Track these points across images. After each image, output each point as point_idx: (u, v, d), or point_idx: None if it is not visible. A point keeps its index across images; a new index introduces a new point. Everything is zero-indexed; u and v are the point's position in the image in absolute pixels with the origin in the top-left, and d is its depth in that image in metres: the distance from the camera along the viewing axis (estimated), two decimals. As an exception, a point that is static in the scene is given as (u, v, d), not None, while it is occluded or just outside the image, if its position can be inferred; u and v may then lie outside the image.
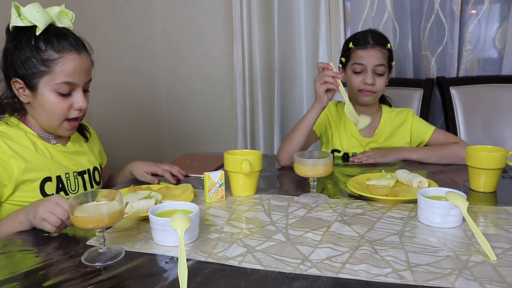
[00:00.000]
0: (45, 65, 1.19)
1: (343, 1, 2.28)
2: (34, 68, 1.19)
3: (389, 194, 1.20)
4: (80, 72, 1.23)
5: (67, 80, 1.21)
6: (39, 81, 1.20)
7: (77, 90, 1.24)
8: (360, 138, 1.71)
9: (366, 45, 1.62)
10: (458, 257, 0.87)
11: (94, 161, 1.44)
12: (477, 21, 2.19)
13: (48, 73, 1.19)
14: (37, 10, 1.17)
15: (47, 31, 1.19)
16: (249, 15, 2.40)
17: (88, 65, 1.27)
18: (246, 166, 1.22)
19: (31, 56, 1.18)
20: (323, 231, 1.01)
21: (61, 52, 1.19)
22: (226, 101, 2.67)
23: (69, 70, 1.20)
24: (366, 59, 1.61)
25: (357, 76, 1.63)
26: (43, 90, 1.21)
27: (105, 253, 0.91)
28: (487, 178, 1.25)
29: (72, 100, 1.24)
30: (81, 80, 1.24)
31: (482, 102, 2.12)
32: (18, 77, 1.21)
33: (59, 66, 1.19)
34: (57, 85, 1.20)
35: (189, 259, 0.89)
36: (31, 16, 1.17)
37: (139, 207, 1.10)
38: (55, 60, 1.19)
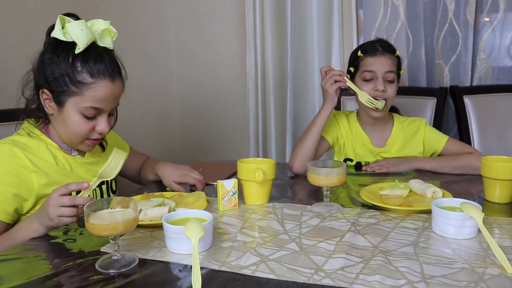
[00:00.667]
0: (77, 87, 1.18)
1: (356, 9, 2.28)
2: (65, 86, 1.18)
3: (402, 204, 1.19)
4: (109, 100, 1.22)
5: (95, 105, 1.20)
6: (67, 99, 1.19)
7: (103, 115, 1.24)
8: (372, 147, 1.70)
9: (375, 52, 1.62)
10: (474, 269, 0.86)
11: None
12: (491, 29, 2.18)
13: (78, 94, 1.18)
14: (81, 28, 1.16)
15: (86, 50, 1.17)
16: (262, 23, 2.41)
17: (119, 92, 1.26)
18: (259, 175, 1.22)
19: (65, 74, 1.17)
20: (336, 241, 1.01)
21: (95, 78, 1.18)
22: (239, 109, 2.68)
23: (99, 97, 1.20)
24: (376, 66, 1.60)
25: (367, 84, 1.61)
26: (69, 109, 1.20)
27: (119, 260, 0.92)
28: (502, 189, 1.24)
29: (95, 123, 1.23)
30: (108, 107, 1.24)
31: (496, 111, 2.10)
32: (48, 90, 1.20)
33: (91, 91, 1.18)
34: (84, 108, 1.19)
35: (203, 268, 0.89)
36: (74, 33, 1.15)
37: (153, 214, 1.10)
38: (88, 85, 1.18)
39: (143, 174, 1.59)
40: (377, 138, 1.71)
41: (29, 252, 0.99)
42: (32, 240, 1.06)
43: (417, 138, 1.69)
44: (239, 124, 2.70)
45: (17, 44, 2.20)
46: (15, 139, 1.23)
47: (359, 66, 1.65)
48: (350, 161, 1.73)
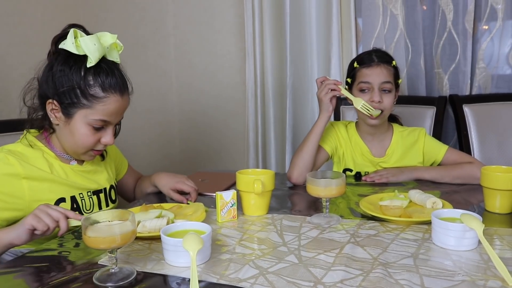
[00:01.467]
0: (88, 100, 1.19)
1: (355, 18, 2.29)
2: (76, 99, 1.19)
3: (402, 215, 1.19)
4: (118, 113, 1.26)
5: (104, 118, 1.22)
6: (76, 111, 1.21)
7: (109, 127, 1.26)
8: (371, 157, 1.70)
9: (371, 63, 1.61)
10: (474, 281, 0.85)
11: (110, 179, 1.44)
12: (490, 38, 2.18)
13: (89, 107, 1.20)
14: (94, 43, 1.17)
15: (98, 64, 1.19)
16: (261, 32, 2.41)
17: (126, 106, 1.29)
18: (258, 186, 1.21)
19: (76, 87, 1.19)
20: (336, 253, 1.00)
21: (107, 92, 1.20)
22: (238, 118, 2.68)
23: (109, 111, 1.22)
24: (372, 77, 1.60)
25: (363, 95, 1.61)
26: (77, 120, 1.21)
27: (117, 273, 0.91)
28: (502, 199, 1.24)
29: (101, 135, 1.25)
30: (116, 120, 1.27)
31: (496, 120, 2.10)
32: (57, 101, 1.21)
33: (101, 105, 1.20)
34: (93, 120, 1.21)
35: (201, 281, 0.88)
36: (87, 48, 1.17)
37: (151, 226, 1.09)
38: (99, 99, 1.20)
39: (140, 189, 1.59)
40: (377, 148, 1.71)
41: (25, 265, 0.98)
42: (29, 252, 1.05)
43: (416, 148, 1.69)
44: (238, 133, 2.69)
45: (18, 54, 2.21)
46: (11, 148, 1.23)
47: (355, 77, 1.65)
48: (349, 171, 1.72)
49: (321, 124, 1.60)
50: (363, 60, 1.65)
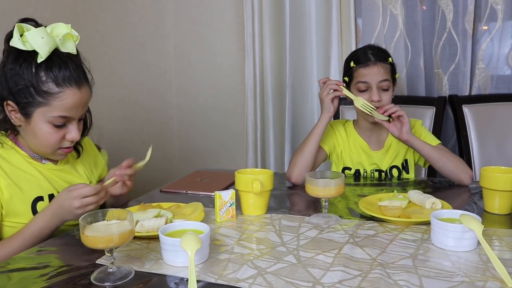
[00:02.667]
0: (43, 97, 1.14)
1: (354, 18, 2.28)
2: (31, 97, 1.14)
3: (401, 216, 1.18)
4: (78, 107, 1.19)
5: (64, 114, 1.17)
6: (34, 110, 1.16)
7: (72, 122, 1.21)
8: (370, 151, 1.70)
9: (367, 63, 1.60)
10: (474, 282, 0.85)
11: (90, 176, 1.41)
12: (490, 39, 2.18)
13: (45, 104, 1.15)
14: (42, 36, 1.11)
15: (49, 58, 1.14)
16: (261, 32, 2.41)
17: (87, 98, 1.23)
18: (257, 186, 1.21)
19: (29, 85, 1.13)
20: (334, 253, 1.00)
21: (61, 86, 1.15)
22: (237, 118, 2.67)
23: (67, 105, 1.16)
24: (370, 77, 1.59)
25: (362, 94, 1.61)
26: (37, 119, 1.17)
27: (115, 273, 0.91)
28: (502, 200, 1.23)
29: (65, 131, 1.20)
30: (77, 114, 1.21)
31: (496, 120, 2.09)
32: (13, 101, 1.16)
33: (58, 101, 1.15)
34: (52, 117, 1.16)
35: (199, 281, 0.88)
36: (35, 42, 1.11)
37: (150, 226, 1.09)
38: (54, 94, 1.14)
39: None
40: (375, 143, 1.72)
41: (23, 264, 0.98)
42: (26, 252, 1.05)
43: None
44: (237, 132, 2.69)
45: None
46: None
47: (353, 77, 1.64)
48: (348, 170, 1.72)
49: (322, 125, 1.60)
50: (359, 59, 1.63)
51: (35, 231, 1.13)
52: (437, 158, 1.54)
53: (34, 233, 1.13)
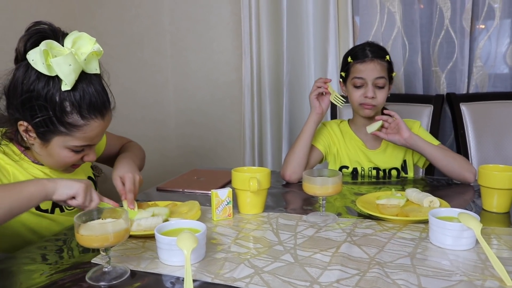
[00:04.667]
0: (66, 128, 1.08)
1: (352, 16, 2.27)
2: (52, 126, 1.08)
3: (399, 214, 1.18)
4: (99, 135, 1.15)
5: (85, 144, 1.14)
6: (53, 137, 1.10)
7: (90, 147, 1.18)
8: (366, 150, 1.70)
9: (364, 59, 1.60)
10: (472, 281, 0.85)
11: (88, 171, 1.39)
12: (487, 37, 2.17)
13: (67, 134, 1.10)
14: (69, 63, 1.03)
15: (74, 85, 1.06)
16: (258, 30, 2.39)
17: (108, 124, 1.17)
18: (254, 184, 1.20)
19: (53, 115, 1.07)
20: (332, 252, 0.99)
21: (87, 119, 1.09)
22: (234, 116, 2.66)
23: (91, 136, 1.13)
24: (366, 73, 1.60)
25: (357, 90, 1.62)
26: (55, 145, 1.12)
27: (110, 272, 0.90)
28: (500, 198, 1.23)
29: (83, 154, 1.17)
30: (98, 141, 1.18)
31: (493, 118, 2.09)
32: (30, 124, 1.09)
33: (82, 133, 1.10)
34: (73, 146, 1.12)
35: (195, 280, 0.87)
36: (61, 70, 1.03)
37: (147, 224, 1.08)
38: (79, 127, 1.09)
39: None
40: (371, 141, 1.71)
41: (17, 263, 0.97)
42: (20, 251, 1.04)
43: None
44: (234, 130, 2.68)
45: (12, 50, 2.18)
46: None
47: (349, 72, 1.65)
48: (346, 169, 1.71)
49: (310, 123, 1.61)
50: (357, 55, 1.63)
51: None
52: (441, 157, 1.52)
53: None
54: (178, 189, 1.55)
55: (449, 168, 1.52)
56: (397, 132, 1.54)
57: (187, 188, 1.54)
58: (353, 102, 1.65)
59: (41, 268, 0.94)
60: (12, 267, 0.95)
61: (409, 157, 1.69)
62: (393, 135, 1.54)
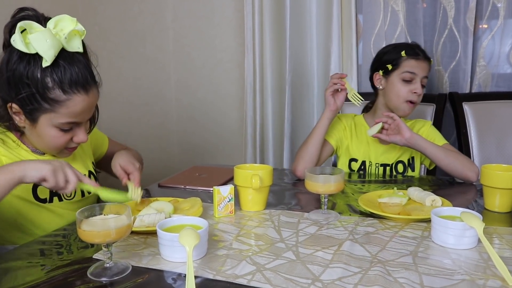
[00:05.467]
0: (50, 104, 1.09)
1: (355, 14, 2.27)
2: (36, 103, 1.09)
3: (401, 213, 1.18)
4: (85, 112, 1.16)
5: (71, 120, 1.14)
6: (40, 115, 1.12)
7: (80, 126, 1.18)
8: (377, 144, 1.72)
9: (418, 56, 1.65)
10: (474, 281, 0.84)
11: (88, 165, 1.39)
12: (491, 36, 2.17)
13: (52, 111, 1.10)
14: (47, 39, 1.05)
15: (54, 60, 1.07)
16: (261, 27, 2.39)
17: (95, 101, 1.18)
18: (256, 181, 1.20)
19: (35, 91, 1.08)
20: (334, 250, 0.99)
21: (69, 94, 1.10)
22: (236, 113, 2.66)
23: (75, 112, 1.12)
24: (418, 69, 1.64)
25: (405, 84, 1.64)
26: (43, 124, 1.13)
27: (112, 268, 0.90)
28: (502, 198, 1.23)
29: (72, 134, 1.18)
30: (85, 118, 1.18)
31: (496, 118, 2.08)
32: (17, 105, 1.11)
33: (65, 108, 1.10)
34: (60, 123, 1.13)
35: (197, 276, 0.87)
36: (39, 46, 1.05)
37: (150, 221, 1.08)
38: (61, 102, 1.10)
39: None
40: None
41: (20, 259, 0.97)
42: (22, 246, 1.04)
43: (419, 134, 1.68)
44: (236, 128, 2.68)
45: None
46: None
47: (400, 65, 1.65)
48: (355, 162, 1.72)
49: (324, 120, 1.62)
50: (409, 51, 1.65)
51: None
52: (442, 156, 1.53)
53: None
54: (180, 186, 1.55)
55: (451, 167, 1.53)
56: (397, 132, 1.55)
57: (189, 185, 1.54)
58: (398, 97, 1.65)
59: (42, 263, 0.94)
60: (12, 262, 0.95)
61: (417, 155, 1.71)
62: (394, 136, 1.55)
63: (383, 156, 1.70)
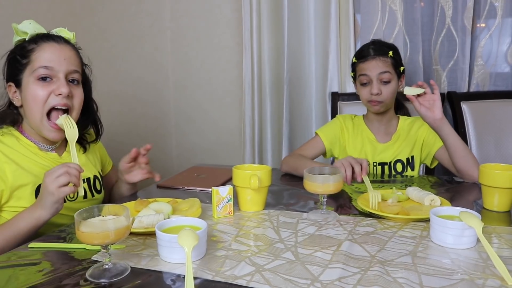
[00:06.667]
0: (26, 57, 1.24)
1: (353, 14, 2.27)
2: (17, 64, 1.25)
3: (400, 212, 1.17)
4: (59, 59, 1.25)
5: (45, 64, 1.23)
6: (23, 75, 1.25)
7: (58, 76, 1.25)
8: (376, 143, 1.73)
9: (367, 57, 1.66)
10: (473, 280, 0.84)
11: (93, 170, 1.43)
12: (489, 35, 2.17)
13: (28, 63, 1.24)
14: (29, 22, 1.27)
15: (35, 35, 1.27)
16: (259, 27, 2.39)
17: (70, 54, 1.29)
18: (255, 182, 1.20)
19: (17, 54, 1.25)
20: (333, 250, 0.99)
21: (38, 42, 1.25)
22: (235, 113, 2.66)
23: (46, 56, 1.24)
24: (369, 70, 1.65)
25: (364, 87, 1.68)
26: (26, 82, 1.24)
27: (111, 269, 0.90)
28: (501, 197, 1.23)
29: (52, 86, 1.25)
30: (61, 66, 1.25)
31: (494, 117, 2.09)
32: (10, 80, 1.27)
33: (36, 53, 1.24)
34: (36, 71, 1.23)
35: (196, 277, 0.87)
36: (23, 27, 1.26)
37: (148, 222, 1.08)
38: (33, 49, 1.24)
39: (117, 190, 1.53)
40: (382, 135, 1.75)
41: (18, 261, 0.97)
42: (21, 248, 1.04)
43: (420, 132, 1.70)
44: (235, 128, 2.68)
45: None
46: None
47: (356, 71, 1.72)
48: None
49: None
50: (360, 54, 1.70)
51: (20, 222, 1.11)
52: (461, 148, 1.48)
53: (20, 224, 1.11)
54: (179, 186, 1.54)
55: (463, 161, 1.49)
56: (429, 107, 1.46)
57: (187, 185, 1.54)
58: (362, 100, 1.71)
59: (41, 265, 0.94)
60: (11, 264, 0.95)
61: (417, 154, 1.70)
62: (425, 110, 1.46)
63: (380, 155, 1.71)
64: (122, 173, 1.43)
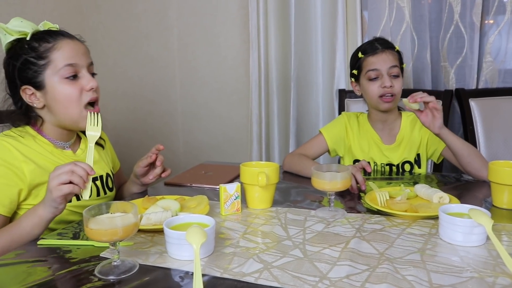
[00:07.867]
0: (43, 58, 1.21)
1: (360, 11, 2.26)
2: (35, 66, 1.21)
3: (408, 210, 1.17)
4: (78, 54, 1.25)
5: (69, 62, 1.22)
6: (44, 77, 1.21)
7: (83, 72, 1.25)
8: (381, 145, 1.70)
9: (375, 51, 1.63)
10: (483, 278, 0.84)
11: (106, 168, 1.43)
12: (497, 32, 2.15)
13: (49, 63, 1.21)
14: (20, 20, 1.23)
15: (36, 33, 1.23)
16: (266, 24, 2.38)
17: (84, 48, 1.29)
18: (262, 179, 1.20)
19: (28, 57, 1.21)
20: (341, 248, 0.99)
21: (54, 40, 1.22)
22: (242, 110, 2.66)
23: (67, 53, 1.22)
24: (379, 64, 1.61)
25: (373, 82, 1.62)
26: (51, 83, 1.22)
27: (119, 266, 0.90)
28: (510, 195, 1.21)
29: (81, 83, 1.24)
30: (82, 61, 1.25)
31: (503, 114, 2.07)
32: (25, 84, 1.22)
33: (56, 52, 1.21)
34: (61, 70, 1.21)
35: (205, 275, 0.87)
36: (17, 26, 1.22)
37: (156, 219, 1.08)
38: (50, 48, 1.21)
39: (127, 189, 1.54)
40: (387, 136, 1.72)
41: (27, 257, 0.97)
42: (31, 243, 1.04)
43: (423, 131, 1.67)
44: (242, 126, 2.67)
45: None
46: (5, 133, 1.24)
47: (362, 67, 1.66)
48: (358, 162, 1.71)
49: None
50: (366, 49, 1.66)
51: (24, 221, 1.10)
52: (467, 154, 1.47)
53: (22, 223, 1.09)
54: (186, 184, 1.55)
55: (470, 165, 1.48)
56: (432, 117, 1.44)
57: (195, 183, 1.54)
58: (372, 97, 1.64)
59: (50, 261, 0.94)
60: (19, 261, 0.96)
61: (423, 151, 1.69)
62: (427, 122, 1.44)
63: (388, 156, 1.68)
64: (138, 176, 1.44)
